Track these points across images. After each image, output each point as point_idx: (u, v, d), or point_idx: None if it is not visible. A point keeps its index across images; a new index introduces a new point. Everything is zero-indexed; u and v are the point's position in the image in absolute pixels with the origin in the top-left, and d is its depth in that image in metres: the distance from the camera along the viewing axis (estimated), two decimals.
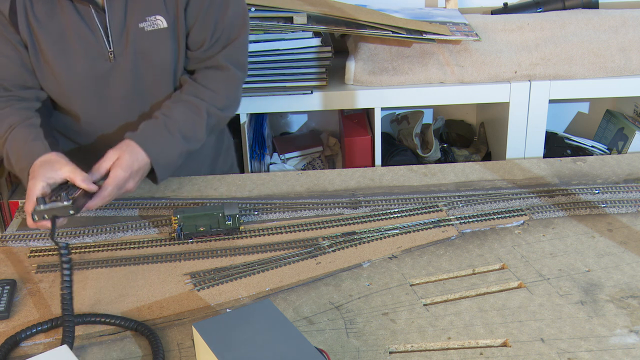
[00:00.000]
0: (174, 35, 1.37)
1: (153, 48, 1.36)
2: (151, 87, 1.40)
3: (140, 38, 1.35)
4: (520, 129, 2.03)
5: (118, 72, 1.36)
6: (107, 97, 1.39)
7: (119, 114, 1.41)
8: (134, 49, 1.35)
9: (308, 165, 2.26)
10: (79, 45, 1.33)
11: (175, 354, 0.97)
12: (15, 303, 1.09)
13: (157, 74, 1.39)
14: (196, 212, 1.25)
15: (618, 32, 2.00)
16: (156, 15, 1.35)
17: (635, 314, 1.03)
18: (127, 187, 1.25)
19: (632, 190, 1.37)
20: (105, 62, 1.35)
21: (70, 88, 1.37)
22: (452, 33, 1.94)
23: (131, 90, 1.39)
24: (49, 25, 1.32)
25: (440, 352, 0.96)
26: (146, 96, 1.41)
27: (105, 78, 1.37)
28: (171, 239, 1.26)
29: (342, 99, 1.99)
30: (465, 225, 1.28)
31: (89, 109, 1.40)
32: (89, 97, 1.38)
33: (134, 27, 1.34)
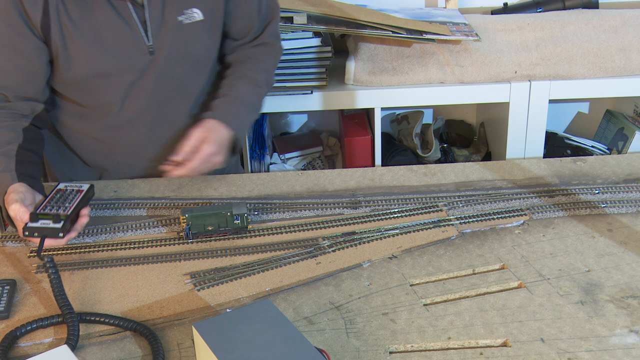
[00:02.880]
0: (210, 27, 1.41)
1: (190, 40, 1.39)
2: (186, 79, 1.44)
3: (178, 31, 1.37)
4: (520, 129, 2.03)
5: (155, 66, 1.38)
6: (142, 89, 1.41)
7: (150, 106, 1.43)
8: (173, 42, 1.37)
9: (308, 165, 2.27)
10: (117, 42, 1.34)
11: (175, 354, 0.97)
12: (15, 303, 1.09)
13: (192, 66, 1.43)
14: (204, 212, 1.25)
15: (618, 32, 2.00)
16: (193, 8, 1.38)
17: (635, 314, 1.03)
18: (215, 161, 1.35)
19: (632, 190, 1.38)
20: (144, 56, 1.37)
21: (106, 84, 1.38)
22: (452, 33, 1.94)
23: (165, 82, 1.41)
24: (84, 25, 1.32)
25: (440, 352, 0.96)
26: (179, 88, 1.44)
27: (142, 72, 1.39)
28: (171, 239, 1.26)
29: (342, 99, 1.99)
30: (465, 225, 1.28)
31: (123, 103, 1.41)
32: (125, 91, 1.40)
33: (173, 20, 1.36)
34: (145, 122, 1.45)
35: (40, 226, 1.16)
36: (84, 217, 1.22)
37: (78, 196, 1.25)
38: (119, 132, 1.46)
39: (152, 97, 1.42)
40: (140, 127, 1.45)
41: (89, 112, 1.44)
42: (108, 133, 1.46)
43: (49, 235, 1.16)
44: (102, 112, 1.43)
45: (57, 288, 1.05)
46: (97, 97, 1.41)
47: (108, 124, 1.44)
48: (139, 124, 1.45)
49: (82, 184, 1.30)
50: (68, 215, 1.19)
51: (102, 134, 1.46)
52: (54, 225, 1.16)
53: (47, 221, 1.17)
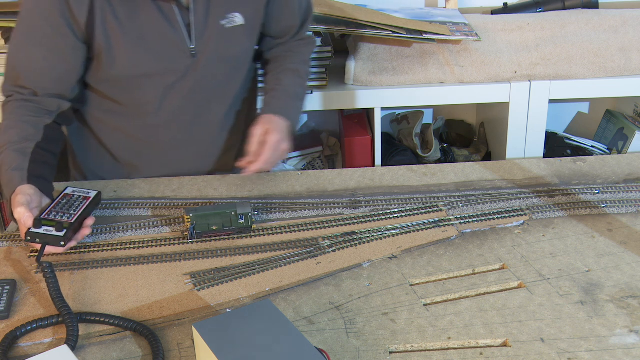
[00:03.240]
0: (250, 31, 1.43)
1: (231, 44, 1.41)
2: (225, 82, 1.46)
3: (220, 35, 1.39)
4: (520, 129, 2.03)
5: (196, 68, 1.40)
6: (181, 91, 1.42)
7: (189, 108, 1.45)
8: (214, 45, 1.39)
9: (308, 165, 2.26)
10: (160, 43, 1.35)
11: (175, 354, 0.97)
12: (15, 303, 1.09)
13: (231, 69, 1.45)
14: (209, 211, 1.26)
15: (618, 32, 2.00)
16: (235, 13, 1.40)
17: (635, 314, 1.03)
18: (283, 148, 1.39)
19: (632, 190, 1.38)
20: (186, 59, 1.38)
21: (147, 84, 1.39)
22: (452, 33, 1.94)
23: (204, 84, 1.43)
24: (129, 25, 1.33)
25: (440, 352, 0.96)
26: (217, 90, 1.46)
27: (182, 74, 1.40)
28: (171, 239, 1.26)
29: (342, 99, 1.99)
30: (465, 225, 1.28)
31: (161, 103, 1.43)
32: (161, 92, 1.41)
33: (216, 24, 1.38)
34: (182, 122, 1.47)
35: (43, 233, 1.16)
36: (86, 229, 1.23)
37: (84, 203, 1.25)
38: (155, 131, 1.47)
39: (191, 98, 1.44)
40: (176, 127, 1.47)
41: (126, 110, 1.45)
42: (144, 131, 1.47)
43: (50, 243, 1.17)
44: (140, 111, 1.44)
45: (55, 293, 1.06)
46: (136, 96, 1.42)
47: (145, 122, 1.46)
48: (176, 124, 1.47)
49: (89, 190, 1.30)
50: (72, 223, 1.19)
51: (139, 132, 1.48)
52: (56, 234, 1.17)
53: (50, 228, 1.17)
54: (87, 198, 1.27)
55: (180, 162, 1.52)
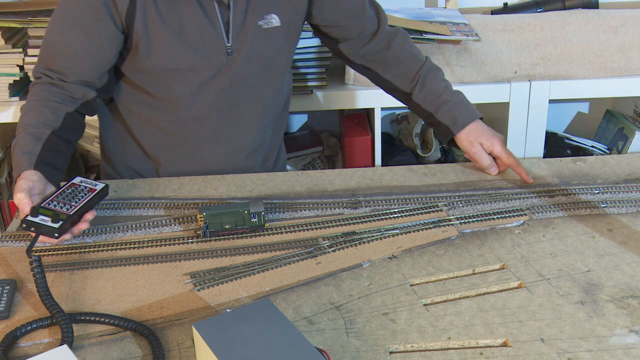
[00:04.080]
0: (286, 34, 1.43)
1: (266, 45, 1.41)
2: (258, 82, 1.46)
3: (257, 35, 1.39)
4: (520, 129, 2.03)
5: (231, 67, 1.40)
6: (214, 88, 1.42)
7: (220, 105, 1.45)
8: (250, 45, 1.39)
9: (308, 165, 2.27)
10: (198, 39, 1.36)
11: (175, 354, 0.97)
12: (15, 303, 1.09)
13: (266, 70, 1.45)
14: (222, 210, 1.26)
15: (618, 32, 2.00)
16: (272, 14, 1.40)
17: (635, 314, 1.03)
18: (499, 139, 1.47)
19: (632, 190, 1.38)
20: (222, 56, 1.39)
21: (180, 79, 1.40)
22: (452, 33, 1.94)
23: (239, 83, 1.43)
24: (169, 18, 1.33)
25: (440, 352, 0.96)
26: (250, 90, 1.46)
27: (217, 71, 1.40)
28: (171, 239, 1.26)
29: (342, 99, 1.99)
30: (465, 225, 1.28)
31: (193, 99, 1.43)
32: (196, 88, 1.41)
33: (253, 24, 1.38)
34: (213, 119, 1.47)
35: (39, 222, 1.16)
36: (83, 223, 1.23)
37: (88, 195, 1.25)
38: (186, 126, 1.47)
39: (224, 96, 1.44)
40: (208, 124, 1.47)
41: (159, 103, 1.45)
42: (175, 125, 1.47)
43: (44, 233, 1.16)
44: (172, 105, 1.44)
45: (42, 288, 1.05)
46: (169, 90, 1.42)
47: (176, 117, 1.46)
48: (207, 121, 1.47)
49: (97, 183, 1.30)
50: (69, 215, 1.19)
51: (169, 125, 1.47)
52: (51, 225, 1.16)
53: (46, 218, 1.17)
54: (93, 190, 1.27)
55: (207, 160, 1.51)
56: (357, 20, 1.51)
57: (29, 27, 1.92)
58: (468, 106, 1.51)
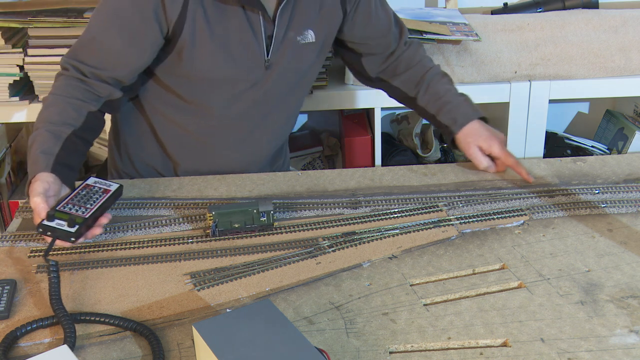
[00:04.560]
0: (320, 49, 1.45)
1: (302, 60, 1.43)
2: (287, 95, 1.48)
3: (294, 50, 1.40)
4: (520, 129, 2.03)
5: (267, 80, 1.41)
6: (246, 99, 1.43)
7: (249, 115, 1.46)
8: (287, 59, 1.40)
9: (308, 165, 2.27)
10: (241, 51, 1.36)
11: (175, 354, 0.97)
12: (15, 303, 1.09)
13: (297, 83, 1.47)
14: (231, 209, 1.26)
15: (618, 32, 2.00)
16: (309, 29, 1.41)
17: (635, 314, 1.03)
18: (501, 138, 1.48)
19: (632, 190, 1.38)
20: (260, 69, 1.39)
21: (217, 88, 1.40)
22: (452, 33, 1.94)
23: (271, 95, 1.44)
24: (216, 28, 1.33)
25: (440, 352, 0.96)
26: (279, 102, 1.47)
27: (253, 83, 1.41)
28: (171, 239, 1.26)
29: (342, 99, 1.99)
30: (465, 225, 1.28)
31: (225, 108, 1.43)
32: (229, 98, 1.42)
33: (292, 39, 1.39)
34: (241, 128, 1.48)
35: (55, 226, 1.16)
36: (97, 228, 1.22)
37: (103, 197, 1.25)
38: (213, 133, 1.48)
39: (255, 107, 1.45)
40: (234, 132, 1.48)
41: (190, 108, 1.45)
42: (202, 130, 1.47)
43: (60, 238, 1.16)
44: (203, 112, 1.44)
45: (54, 293, 1.06)
46: (204, 97, 1.42)
47: (206, 123, 1.46)
48: (235, 129, 1.48)
49: (111, 183, 1.29)
50: (85, 218, 1.18)
51: (197, 130, 1.47)
52: (67, 229, 1.16)
53: (62, 222, 1.17)
54: (107, 191, 1.26)
55: (227, 164, 1.52)
56: (384, 38, 1.54)
57: (29, 27, 1.92)
58: (469, 106, 1.52)
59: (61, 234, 1.16)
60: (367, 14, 1.47)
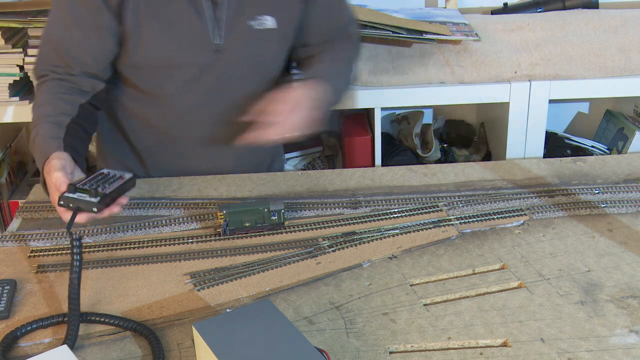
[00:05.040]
0: (282, 37, 1.42)
1: (257, 46, 1.40)
2: (248, 82, 1.44)
3: (247, 35, 1.38)
4: (520, 129, 2.03)
5: (219, 65, 1.39)
6: (202, 86, 1.41)
7: (208, 103, 1.44)
8: (239, 44, 1.38)
9: (308, 165, 2.27)
10: (187, 35, 1.35)
11: (175, 354, 0.97)
12: (15, 303, 1.09)
13: (256, 70, 1.43)
14: (242, 208, 1.26)
15: (618, 32, 2.00)
16: (267, 15, 1.38)
17: (635, 314, 1.03)
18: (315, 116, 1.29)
19: (632, 190, 1.38)
20: (209, 53, 1.37)
21: (168, 75, 1.39)
22: (452, 33, 1.94)
23: (227, 83, 1.42)
24: (159, 12, 1.33)
25: (440, 352, 0.96)
26: (240, 90, 1.44)
27: (205, 69, 1.39)
28: (171, 239, 1.26)
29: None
30: (465, 225, 1.28)
31: (180, 96, 1.42)
32: (184, 85, 1.40)
33: (243, 23, 1.37)
34: (202, 119, 1.46)
35: (77, 197, 1.10)
36: (117, 207, 1.17)
37: (119, 181, 1.19)
38: (176, 124, 1.46)
39: (213, 96, 1.43)
40: (197, 123, 1.46)
41: (147, 99, 1.44)
42: (164, 122, 1.47)
43: (83, 209, 1.10)
44: (160, 101, 1.43)
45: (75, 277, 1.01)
46: (157, 86, 1.42)
47: (166, 113, 1.45)
48: (197, 120, 1.46)
49: (124, 173, 1.27)
50: (106, 194, 1.13)
51: (159, 122, 1.47)
52: (90, 199, 1.10)
53: (84, 195, 1.11)
54: (122, 178, 1.21)
55: (197, 160, 1.51)
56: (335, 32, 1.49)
57: (29, 27, 1.92)
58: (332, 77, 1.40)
59: (84, 204, 1.09)
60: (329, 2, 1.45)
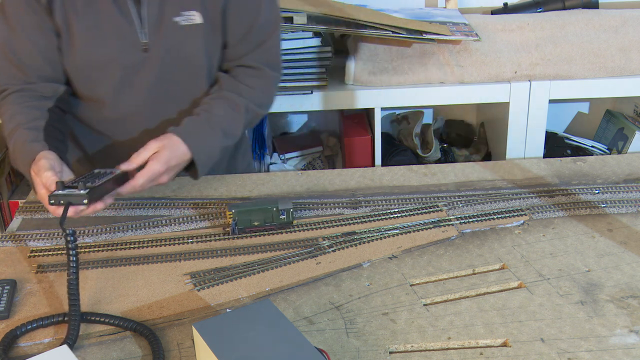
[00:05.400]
0: (209, 32, 1.39)
1: (186, 42, 1.38)
2: (182, 81, 1.42)
3: (173, 32, 1.36)
4: (520, 129, 2.03)
5: (150, 64, 1.38)
6: (136, 86, 1.40)
7: (146, 104, 1.42)
8: (167, 42, 1.36)
9: (308, 165, 2.27)
10: (113, 35, 1.34)
11: (175, 354, 0.97)
12: (15, 303, 1.09)
13: (188, 68, 1.41)
14: (251, 207, 1.27)
15: (618, 32, 2.00)
16: (192, 11, 1.36)
17: (635, 314, 1.03)
18: (160, 180, 1.25)
19: (632, 190, 1.38)
20: (138, 52, 1.36)
21: (100, 76, 1.38)
22: (452, 33, 1.94)
23: (161, 82, 1.40)
24: (86, 12, 1.32)
25: (440, 352, 0.96)
26: (175, 89, 1.42)
27: (136, 68, 1.38)
28: (171, 239, 1.26)
29: (342, 99, 1.99)
30: (465, 225, 1.28)
31: (116, 97, 1.41)
32: (117, 86, 1.39)
33: (169, 20, 1.35)
34: (140, 119, 1.44)
35: (66, 193, 1.10)
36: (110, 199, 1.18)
37: (109, 176, 1.18)
38: (115, 127, 1.45)
39: (148, 96, 1.41)
40: (135, 124, 1.44)
41: (87, 103, 1.44)
42: (104, 125, 1.46)
43: (73, 202, 1.09)
44: (97, 105, 1.43)
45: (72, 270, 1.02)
46: (90, 89, 1.41)
47: (103, 116, 1.44)
48: (134, 121, 1.44)
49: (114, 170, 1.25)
50: (95, 186, 1.12)
51: (99, 125, 1.46)
52: (79, 192, 1.09)
53: (73, 190, 1.10)
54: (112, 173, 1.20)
55: None
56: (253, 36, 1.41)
57: None
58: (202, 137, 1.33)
59: (74, 198, 1.09)
60: None
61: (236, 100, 1.39)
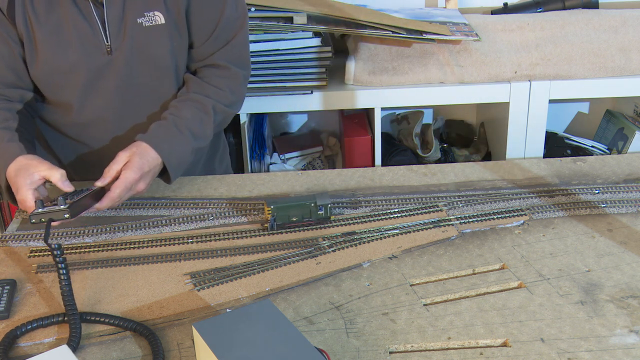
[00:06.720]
0: (173, 32, 1.37)
1: (150, 43, 1.36)
2: (148, 83, 1.40)
3: (137, 33, 1.35)
4: (520, 129, 2.03)
5: (115, 66, 1.36)
6: (103, 90, 1.38)
7: (114, 107, 1.41)
8: (131, 43, 1.35)
9: (308, 165, 2.27)
10: (76, 39, 1.33)
11: (175, 354, 0.97)
12: (15, 303, 1.09)
13: (154, 69, 1.39)
14: (289, 203, 1.28)
15: (618, 32, 2.00)
16: (154, 11, 1.35)
17: (635, 314, 1.03)
18: (137, 189, 1.25)
19: (632, 190, 1.38)
20: (103, 55, 1.35)
21: (65, 80, 1.37)
22: (452, 33, 1.94)
23: (127, 84, 1.38)
24: (47, 18, 1.32)
25: (440, 352, 0.96)
26: (143, 91, 1.40)
27: (101, 71, 1.37)
28: (171, 239, 1.26)
29: (342, 99, 1.99)
30: (465, 225, 1.28)
31: (83, 101, 1.40)
32: (84, 90, 1.38)
33: (132, 22, 1.34)
34: (108, 123, 1.42)
35: (46, 211, 1.11)
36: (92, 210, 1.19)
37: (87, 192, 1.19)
38: (84, 131, 1.44)
39: (115, 99, 1.40)
40: (103, 128, 1.43)
41: (55, 108, 1.43)
42: (73, 130, 1.45)
43: (55, 218, 1.11)
44: (64, 109, 1.42)
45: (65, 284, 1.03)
46: (57, 94, 1.40)
47: (72, 121, 1.43)
48: (103, 125, 1.43)
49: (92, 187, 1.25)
50: (75, 202, 1.14)
51: (69, 130, 1.46)
52: (60, 207, 1.11)
53: (53, 207, 1.12)
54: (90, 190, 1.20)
55: None
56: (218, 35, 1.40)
57: None
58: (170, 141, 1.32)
59: (55, 214, 1.11)
60: None
61: (204, 101, 1.38)
